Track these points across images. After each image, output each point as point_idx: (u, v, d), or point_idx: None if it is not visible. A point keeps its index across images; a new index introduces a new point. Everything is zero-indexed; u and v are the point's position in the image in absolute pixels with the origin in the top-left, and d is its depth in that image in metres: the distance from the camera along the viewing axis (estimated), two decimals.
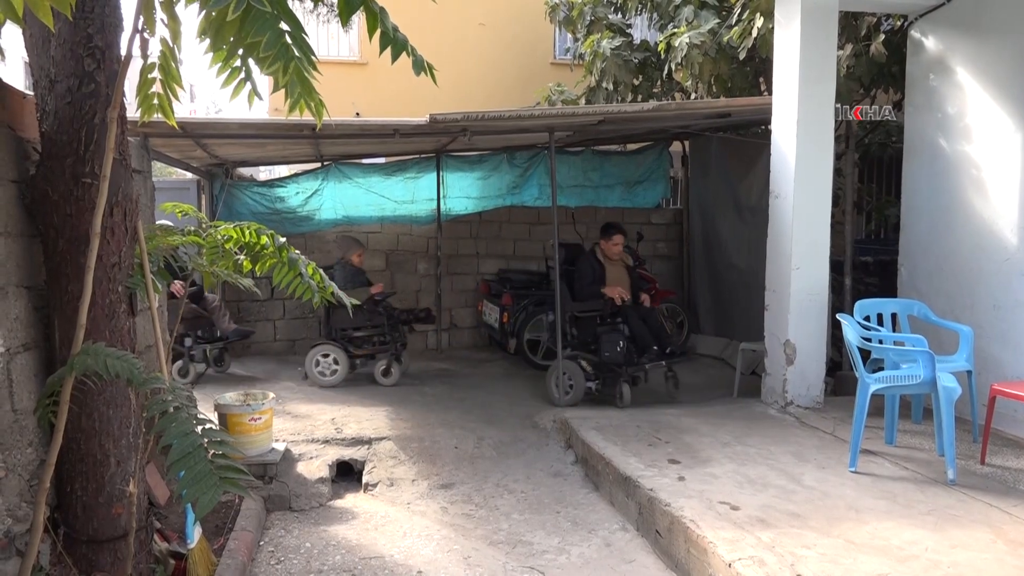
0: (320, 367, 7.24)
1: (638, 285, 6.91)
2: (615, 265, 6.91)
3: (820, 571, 3.19)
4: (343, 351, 7.27)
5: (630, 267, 7.02)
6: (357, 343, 7.41)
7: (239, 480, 2.37)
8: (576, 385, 6.45)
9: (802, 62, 5.65)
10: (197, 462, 2.37)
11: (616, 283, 6.72)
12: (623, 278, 6.88)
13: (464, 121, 6.05)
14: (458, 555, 3.93)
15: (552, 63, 12.66)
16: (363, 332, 7.42)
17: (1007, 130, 5.25)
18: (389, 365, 7.30)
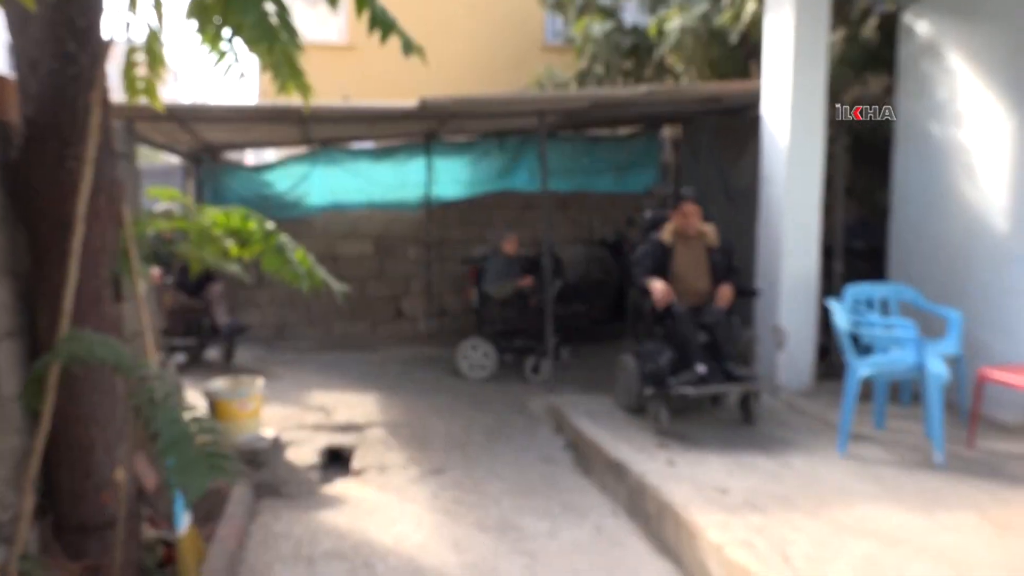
0: (469, 360, 7.07)
1: (721, 274, 5.29)
2: (690, 246, 5.32)
3: (809, 554, 3.21)
4: (492, 345, 7.08)
5: (713, 248, 5.36)
6: (507, 338, 7.17)
7: (228, 467, 2.36)
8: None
9: (794, 47, 5.63)
10: (186, 449, 2.35)
11: (689, 269, 5.26)
12: (699, 263, 5.29)
13: (454, 106, 6.02)
14: (449, 540, 3.92)
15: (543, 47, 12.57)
16: (513, 327, 7.16)
17: (998, 116, 5.25)
18: (538, 363, 6.88)
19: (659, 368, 4.95)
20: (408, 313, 9.32)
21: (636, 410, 5.30)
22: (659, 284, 4.99)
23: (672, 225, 5.33)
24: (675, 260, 5.24)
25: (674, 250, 5.25)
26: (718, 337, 4.99)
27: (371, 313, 9.20)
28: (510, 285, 6.92)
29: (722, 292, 5.11)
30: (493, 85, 10.94)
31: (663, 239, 5.29)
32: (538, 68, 9.81)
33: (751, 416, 5.05)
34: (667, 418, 4.92)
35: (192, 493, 2.26)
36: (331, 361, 7.71)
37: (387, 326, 9.24)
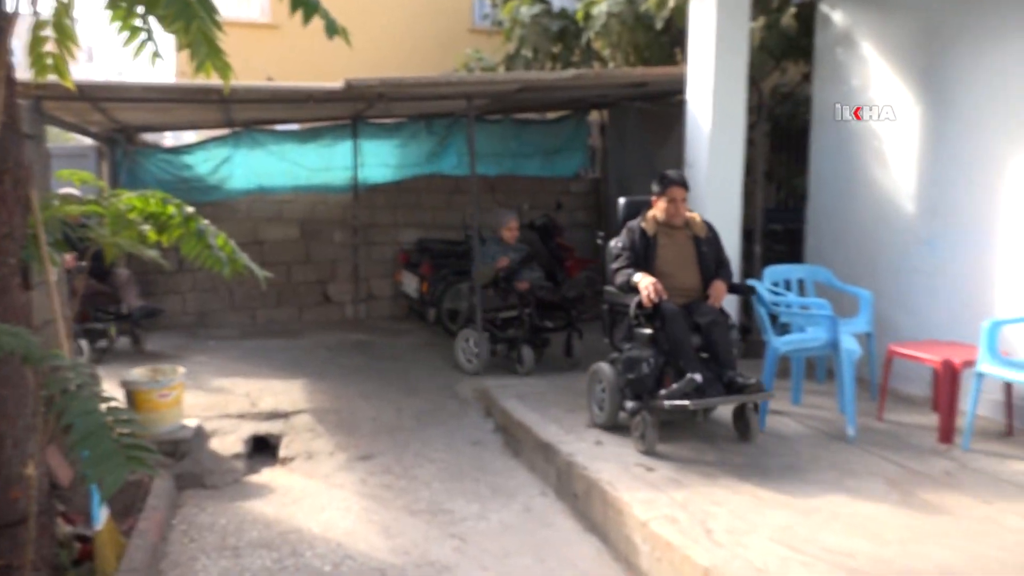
0: (465, 353, 6.59)
1: (711, 268, 4.60)
2: (675, 237, 4.60)
3: (729, 527, 3.32)
4: (484, 335, 6.51)
5: (701, 238, 4.66)
6: (501, 327, 6.60)
7: (147, 459, 2.29)
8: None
9: (716, 34, 5.74)
10: (101, 441, 2.27)
11: (675, 263, 4.52)
12: (686, 256, 4.57)
13: (381, 87, 5.94)
14: (378, 526, 3.91)
15: (470, 29, 12.50)
16: (503, 315, 6.59)
17: (908, 103, 5.48)
18: (520, 352, 6.30)
19: (645, 378, 4.20)
20: (335, 298, 9.19)
21: (612, 427, 4.62)
22: (645, 279, 4.28)
23: (655, 212, 4.62)
24: (658, 253, 4.52)
25: (656, 241, 4.54)
26: (714, 340, 4.27)
27: (297, 298, 9.04)
28: (489, 269, 6.47)
29: (716, 289, 4.46)
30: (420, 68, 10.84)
31: (645, 228, 4.57)
32: (466, 51, 9.75)
33: (750, 431, 4.38)
34: (655, 438, 4.23)
35: (109, 486, 2.19)
36: (256, 348, 7.55)
37: (314, 311, 9.09)
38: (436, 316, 8.09)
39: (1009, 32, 4.71)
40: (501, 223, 6.79)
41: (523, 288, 6.35)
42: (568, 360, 6.44)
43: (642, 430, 4.25)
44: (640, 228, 4.58)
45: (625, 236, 4.60)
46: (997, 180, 4.83)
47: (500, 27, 9.32)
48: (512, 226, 6.74)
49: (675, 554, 3.17)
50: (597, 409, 4.76)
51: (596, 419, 4.75)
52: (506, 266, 6.43)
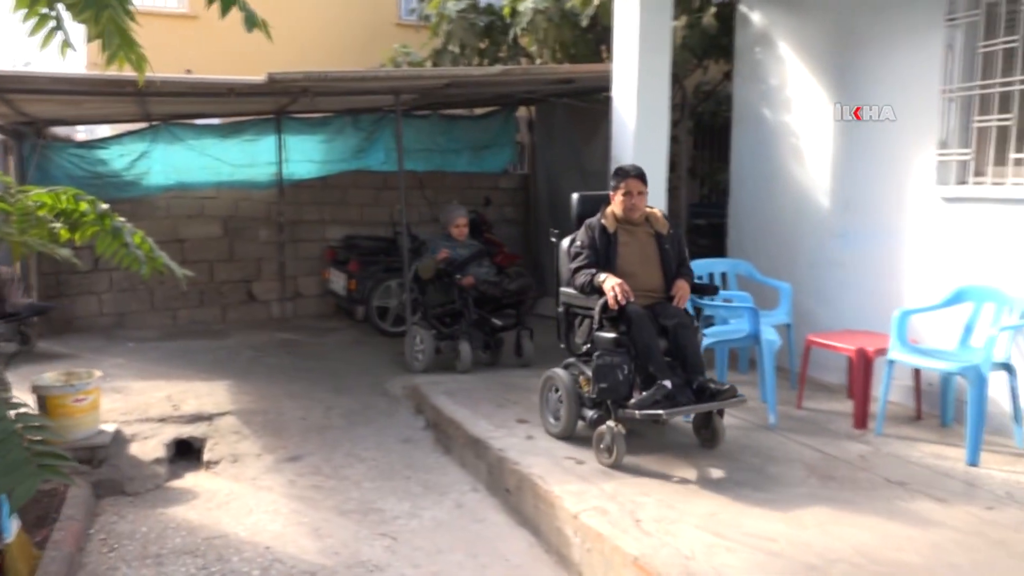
0: (414, 351, 6.38)
1: (673, 268, 4.35)
2: (636, 235, 4.33)
3: (657, 515, 3.39)
4: (429, 331, 6.33)
5: (663, 235, 4.39)
6: (445, 323, 6.40)
7: (61, 466, 2.20)
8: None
9: (639, 31, 5.82)
10: (11, 449, 2.17)
11: (636, 263, 4.26)
12: (647, 255, 4.32)
13: (305, 81, 5.82)
14: (308, 527, 3.85)
15: (396, 23, 12.36)
16: (445, 310, 6.41)
17: (822, 102, 5.68)
18: (457, 348, 6.14)
19: (619, 386, 3.90)
20: (261, 297, 8.98)
21: (567, 438, 4.37)
22: (611, 279, 4.00)
23: (613, 208, 4.36)
24: (619, 251, 4.26)
25: (617, 239, 4.28)
26: (682, 344, 4.06)
27: (221, 298, 8.80)
28: (432, 261, 6.25)
29: (681, 289, 4.23)
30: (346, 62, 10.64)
31: (606, 225, 4.30)
32: (392, 46, 9.64)
33: (716, 439, 4.21)
34: (624, 450, 3.95)
35: (19, 496, 2.10)
36: (177, 349, 7.32)
37: (238, 311, 8.87)
38: (365, 314, 8.01)
39: (916, 33, 4.93)
40: (449, 219, 6.60)
41: (467, 284, 6.19)
42: (519, 360, 6.27)
43: (609, 441, 3.95)
44: (600, 225, 4.29)
45: (584, 234, 4.31)
46: (905, 176, 5.05)
47: (427, 22, 9.25)
48: (460, 223, 6.56)
49: (605, 544, 3.22)
50: (552, 419, 4.48)
51: (551, 429, 4.48)
52: (446, 258, 6.23)
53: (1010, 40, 4.43)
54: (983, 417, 4.07)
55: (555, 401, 4.48)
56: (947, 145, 4.80)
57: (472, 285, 6.20)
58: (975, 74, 4.66)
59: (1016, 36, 4.39)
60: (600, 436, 4.04)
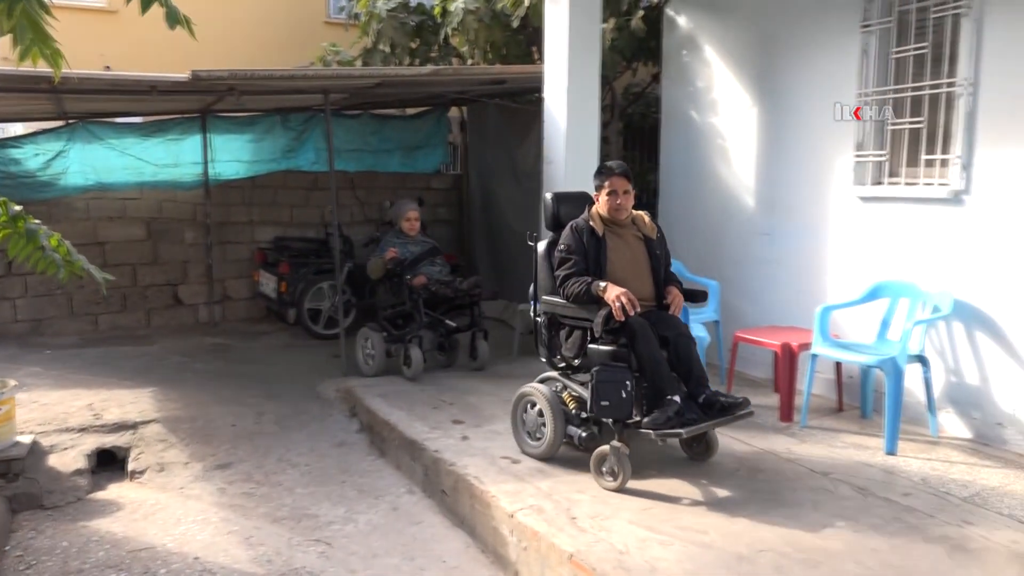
0: (365, 353, 6.13)
1: (661, 274, 4.09)
2: (624, 238, 4.06)
3: (592, 512, 3.43)
4: (379, 333, 6.03)
5: (652, 239, 4.14)
6: (397, 324, 6.07)
7: None
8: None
9: (569, 33, 5.88)
10: None
11: (626, 268, 3.96)
12: (637, 260, 4.04)
13: (231, 79, 5.68)
14: (239, 536, 3.77)
15: (326, 22, 12.18)
16: (396, 311, 6.09)
17: (747, 105, 5.84)
18: (407, 353, 5.77)
19: (624, 404, 3.57)
20: (187, 301, 8.73)
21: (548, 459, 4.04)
22: (613, 288, 3.68)
23: (597, 208, 4.07)
24: (608, 256, 3.96)
25: (604, 243, 3.98)
26: (686, 356, 3.80)
27: (145, 302, 8.51)
28: (380, 261, 5.96)
29: (675, 297, 3.99)
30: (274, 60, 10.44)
31: (595, 227, 3.98)
32: (321, 44, 9.50)
33: (711, 451, 4.01)
34: (629, 471, 3.65)
35: None
36: (99, 356, 7.05)
37: (164, 315, 8.60)
38: (296, 317, 7.87)
39: (834, 39, 5.11)
40: (400, 213, 6.33)
41: (418, 283, 5.88)
42: (473, 363, 6.04)
43: (613, 464, 3.66)
44: (588, 227, 3.96)
45: (571, 237, 3.96)
46: (825, 177, 5.23)
47: (356, 20, 9.15)
48: (411, 216, 6.28)
49: (541, 542, 3.24)
50: (530, 439, 4.12)
51: (529, 450, 4.13)
52: (394, 258, 5.97)
53: (920, 47, 4.64)
54: (900, 407, 4.25)
55: (534, 419, 4.08)
56: (864, 147, 4.99)
57: (423, 285, 5.91)
58: (889, 79, 4.86)
59: (926, 43, 4.60)
60: (601, 458, 3.71)
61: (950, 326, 4.53)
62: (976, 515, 3.42)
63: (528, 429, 4.16)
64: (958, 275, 4.44)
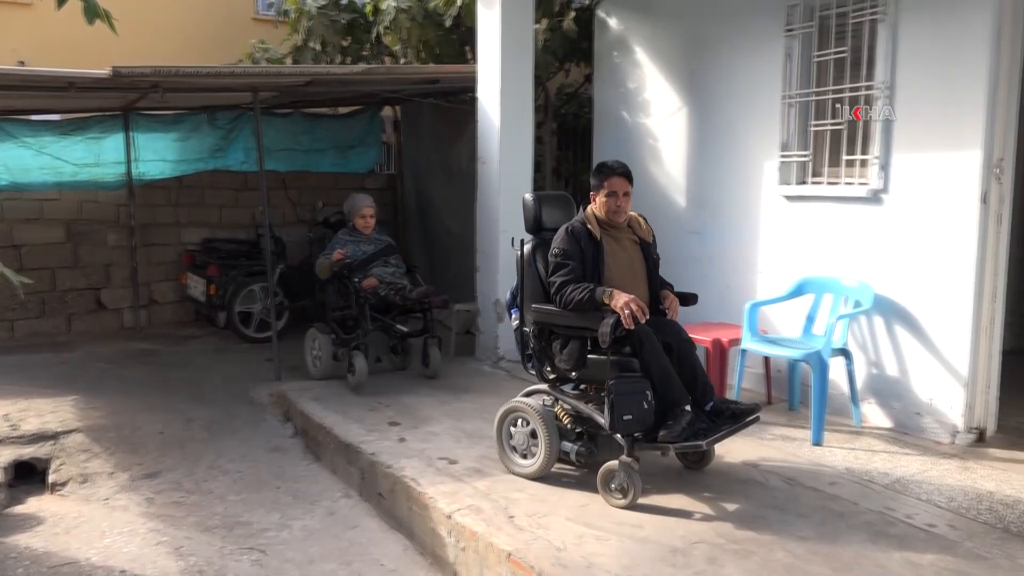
0: (313, 355, 5.89)
1: (656, 279, 3.94)
2: (621, 242, 3.87)
3: (530, 510, 3.45)
4: (327, 336, 5.75)
5: (648, 243, 3.98)
6: (346, 327, 5.75)
7: None
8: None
9: (501, 34, 5.91)
10: None
11: (626, 274, 3.78)
12: (634, 264, 3.87)
13: (155, 76, 5.51)
14: (168, 547, 3.66)
15: (254, 18, 11.92)
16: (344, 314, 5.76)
17: (677, 105, 5.95)
18: (351, 361, 5.44)
19: (642, 416, 3.36)
20: (111, 305, 8.42)
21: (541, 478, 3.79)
22: (621, 295, 3.47)
23: (594, 210, 3.86)
24: (606, 261, 3.76)
25: (602, 247, 3.77)
26: (692, 363, 3.67)
27: (65, 307, 8.17)
28: (327, 262, 5.67)
29: (673, 302, 3.87)
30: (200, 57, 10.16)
31: (592, 230, 3.77)
32: (250, 41, 9.29)
33: (708, 458, 3.92)
34: (640, 488, 3.47)
35: None
36: (15, 364, 6.74)
37: (86, 321, 8.28)
38: (227, 320, 7.68)
39: (759, 42, 5.25)
40: (353, 209, 5.93)
41: (368, 286, 5.59)
42: (425, 370, 5.76)
43: (623, 480, 3.45)
44: (586, 231, 3.75)
45: (567, 241, 3.71)
46: (753, 176, 5.37)
47: (286, 18, 8.98)
48: (366, 212, 5.91)
49: (479, 542, 3.24)
50: (520, 458, 3.87)
51: (518, 469, 3.85)
52: (341, 260, 5.64)
53: (840, 51, 4.80)
54: (825, 400, 4.40)
55: (523, 437, 3.83)
56: (788, 147, 5.14)
57: (373, 287, 5.61)
58: (811, 81, 5.02)
59: (845, 47, 4.77)
60: (610, 475, 3.50)
61: (871, 320, 4.71)
62: (897, 501, 3.56)
63: (517, 447, 3.88)
64: (878, 271, 4.62)
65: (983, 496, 3.60)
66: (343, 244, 5.86)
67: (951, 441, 4.31)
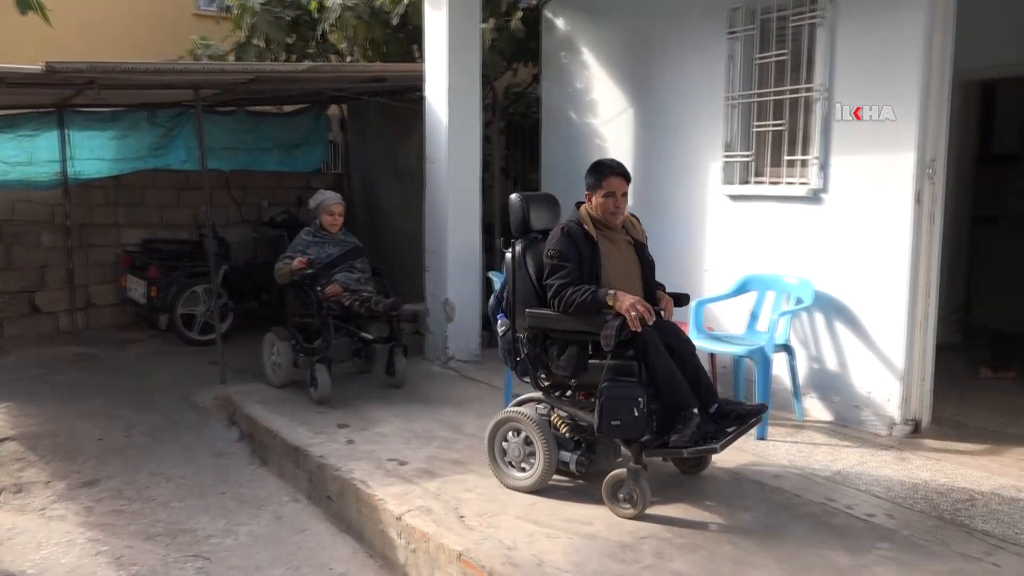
0: (272, 361, 5.54)
1: (652, 281, 3.83)
2: (616, 243, 3.77)
3: (480, 510, 3.45)
4: (287, 342, 5.41)
5: (643, 243, 3.91)
6: (307, 335, 5.35)
7: None
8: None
9: (448, 33, 5.89)
10: None
11: (622, 276, 3.67)
12: (630, 266, 3.77)
13: (91, 72, 5.35)
14: (108, 556, 3.56)
15: (195, 14, 11.65)
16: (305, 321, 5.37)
17: (623, 106, 6.02)
18: (314, 374, 5.08)
19: (631, 422, 3.28)
20: (46, 309, 8.14)
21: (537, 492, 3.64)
22: (626, 297, 3.37)
23: (588, 210, 3.75)
24: (602, 263, 3.64)
25: (598, 248, 3.65)
26: (694, 365, 3.59)
27: None
28: (288, 269, 5.24)
29: (669, 304, 3.75)
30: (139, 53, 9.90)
31: (589, 231, 3.66)
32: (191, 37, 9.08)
33: (706, 463, 3.87)
34: (648, 497, 3.36)
35: None
36: None
37: (19, 325, 7.99)
38: (169, 323, 7.51)
39: (703, 44, 5.33)
40: (321, 207, 5.52)
41: (331, 293, 5.23)
42: (390, 379, 5.47)
43: (631, 489, 3.34)
44: (582, 231, 3.62)
45: (563, 242, 3.58)
46: (698, 176, 5.45)
47: (228, 14, 8.80)
48: (335, 210, 5.52)
49: (430, 543, 3.23)
50: (514, 471, 3.72)
51: (513, 482, 3.70)
52: (303, 268, 5.21)
53: (781, 53, 4.91)
54: (769, 394, 4.50)
55: (519, 448, 3.68)
56: (732, 148, 5.24)
57: (336, 295, 5.25)
58: (753, 83, 5.12)
59: (786, 50, 4.88)
60: (617, 483, 3.38)
61: (812, 316, 4.83)
62: (838, 492, 3.66)
63: (512, 460, 3.72)
64: (818, 268, 4.74)
65: (919, 485, 3.73)
66: (306, 245, 5.46)
67: (888, 433, 4.45)
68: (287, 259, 5.33)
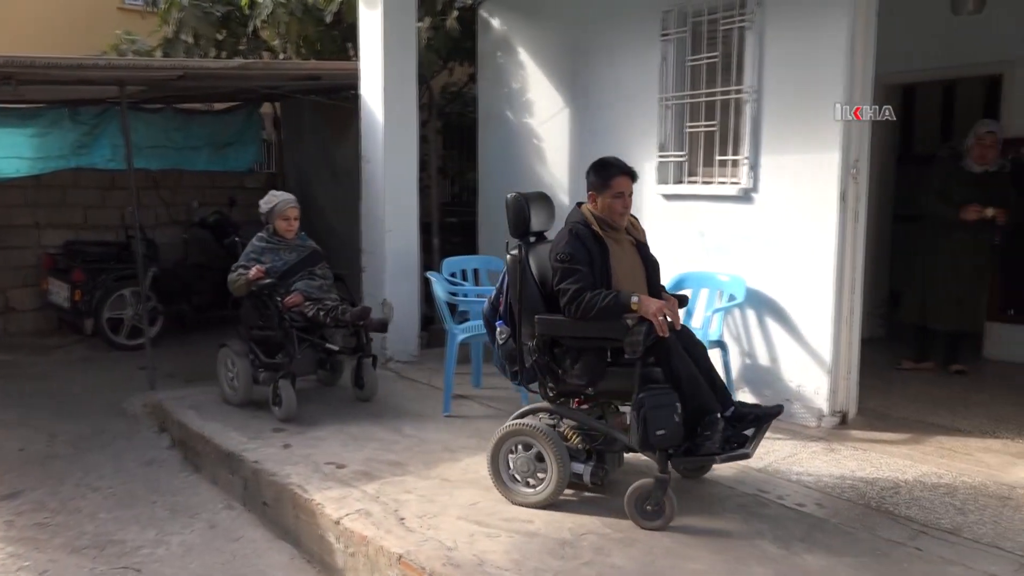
0: (228, 378, 5.11)
1: (655, 281, 3.70)
2: (622, 244, 3.63)
3: (420, 511, 3.43)
4: (245, 357, 5.00)
5: (645, 244, 3.78)
6: (267, 349, 4.95)
7: None
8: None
9: (383, 31, 5.84)
10: None
11: (628, 278, 3.53)
12: (635, 268, 3.64)
13: (7, 67, 5.14)
14: (31, 572, 3.41)
15: (120, 8, 11.30)
16: (264, 333, 4.95)
17: (560, 106, 6.06)
18: (277, 391, 4.74)
19: (674, 431, 3.13)
20: None
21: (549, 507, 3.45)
22: (651, 301, 3.27)
23: (590, 211, 3.59)
24: (611, 265, 3.50)
25: (607, 249, 3.52)
26: (707, 368, 3.52)
27: None
28: (243, 280, 4.86)
29: (674, 305, 3.56)
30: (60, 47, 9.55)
31: (598, 232, 3.51)
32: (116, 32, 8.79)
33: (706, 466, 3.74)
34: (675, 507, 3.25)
35: None
36: None
37: None
38: (94, 327, 7.26)
39: (637, 45, 5.41)
40: (275, 211, 5.11)
41: (292, 303, 4.86)
42: (359, 392, 5.13)
43: (658, 500, 3.21)
44: (591, 232, 3.48)
45: (574, 244, 3.41)
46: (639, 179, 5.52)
47: (155, 8, 8.56)
48: (290, 215, 5.14)
49: (369, 546, 3.20)
50: (523, 487, 3.53)
51: (522, 499, 3.50)
52: (260, 278, 4.86)
53: (712, 56, 5.01)
54: None
55: (527, 463, 3.48)
56: (665, 148, 5.33)
57: (298, 305, 4.89)
58: (686, 84, 5.21)
59: (716, 52, 4.99)
60: (643, 493, 3.24)
61: (744, 312, 4.95)
62: (770, 483, 3.75)
63: (519, 475, 3.52)
64: (750, 265, 4.85)
65: (846, 475, 3.85)
66: (260, 253, 5.05)
67: (817, 425, 4.59)
68: (241, 269, 4.96)
